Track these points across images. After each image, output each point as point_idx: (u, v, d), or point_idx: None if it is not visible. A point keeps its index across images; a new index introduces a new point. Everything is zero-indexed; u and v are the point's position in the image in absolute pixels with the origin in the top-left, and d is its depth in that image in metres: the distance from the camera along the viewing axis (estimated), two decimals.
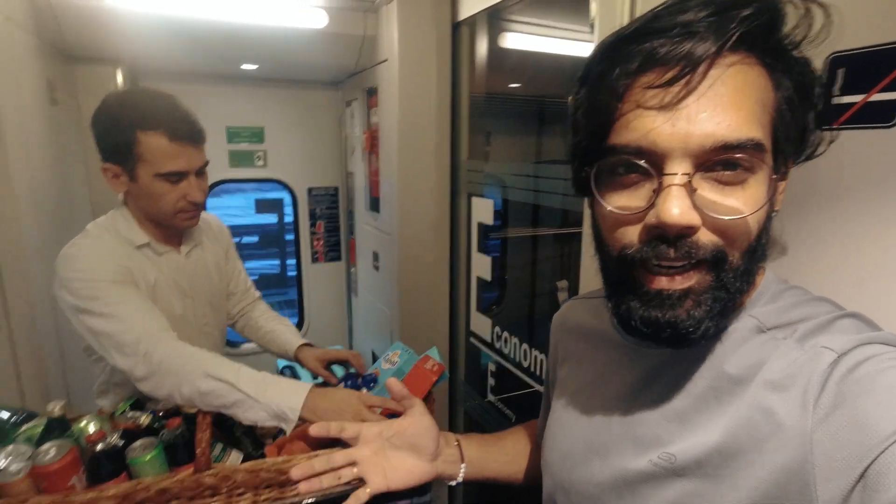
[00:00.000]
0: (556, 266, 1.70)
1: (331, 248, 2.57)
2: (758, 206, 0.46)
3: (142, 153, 1.07)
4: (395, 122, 1.67)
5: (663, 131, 0.45)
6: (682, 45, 0.43)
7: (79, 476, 0.89)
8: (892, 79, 0.52)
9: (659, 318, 0.48)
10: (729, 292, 0.48)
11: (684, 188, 0.45)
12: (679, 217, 0.44)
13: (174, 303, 1.21)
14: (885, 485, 0.38)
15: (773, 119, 0.46)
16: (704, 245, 0.46)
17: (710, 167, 0.45)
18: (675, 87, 0.44)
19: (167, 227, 1.20)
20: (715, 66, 0.44)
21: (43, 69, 1.49)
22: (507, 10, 1.56)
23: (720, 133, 0.44)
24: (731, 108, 0.44)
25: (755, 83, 0.45)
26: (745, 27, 0.43)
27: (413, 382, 1.16)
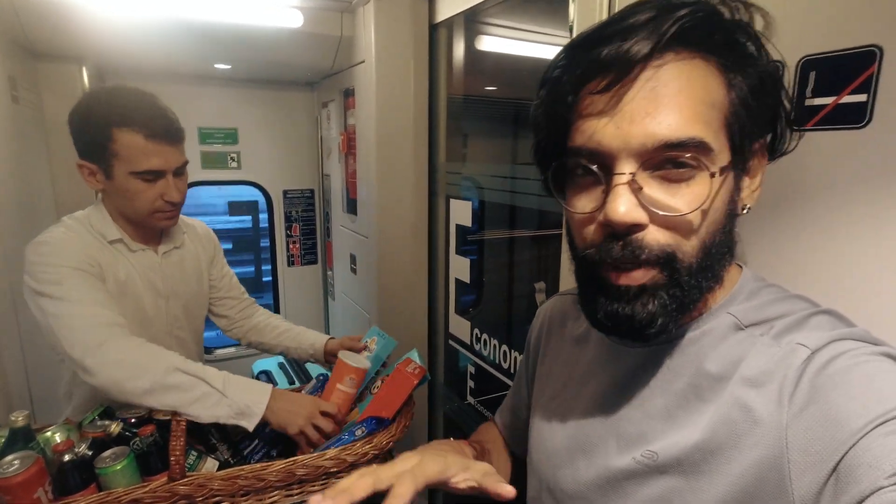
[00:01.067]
0: (534, 268, 1.71)
1: (307, 251, 2.54)
2: (701, 202, 0.47)
3: (117, 151, 1.05)
4: (373, 124, 1.66)
5: (606, 133, 0.47)
6: (619, 48, 0.45)
7: (45, 488, 0.85)
8: (862, 81, 0.54)
9: (618, 312, 0.50)
10: (684, 290, 0.49)
11: (629, 186, 0.47)
12: (623, 215, 0.46)
13: (145, 301, 1.19)
14: (856, 477, 0.38)
15: (726, 117, 0.47)
16: (650, 245, 0.48)
17: (658, 166, 0.47)
18: (615, 90, 0.46)
19: (144, 226, 1.17)
20: (651, 67, 0.45)
21: (4, 66, 1.43)
22: (484, 13, 1.57)
23: (661, 133, 0.45)
24: (672, 108, 0.45)
25: (700, 82, 0.46)
26: (678, 26, 0.44)
27: (394, 386, 1.15)
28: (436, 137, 1.72)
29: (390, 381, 1.16)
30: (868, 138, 0.54)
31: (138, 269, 1.18)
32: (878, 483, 0.37)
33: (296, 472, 0.98)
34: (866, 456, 0.39)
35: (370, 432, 1.09)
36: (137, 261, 1.18)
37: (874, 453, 0.38)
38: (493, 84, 1.85)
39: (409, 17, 1.60)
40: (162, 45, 1.70)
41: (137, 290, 1.17)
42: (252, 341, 1.47)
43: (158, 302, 1.22)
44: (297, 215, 2.48)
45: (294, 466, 0.98)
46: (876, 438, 0.39)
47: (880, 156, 0.53)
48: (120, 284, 1.14)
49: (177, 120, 1.13)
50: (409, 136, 1.68)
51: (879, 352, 0.45)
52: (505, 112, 1.89)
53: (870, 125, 0.54)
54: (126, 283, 1.15)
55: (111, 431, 0.97)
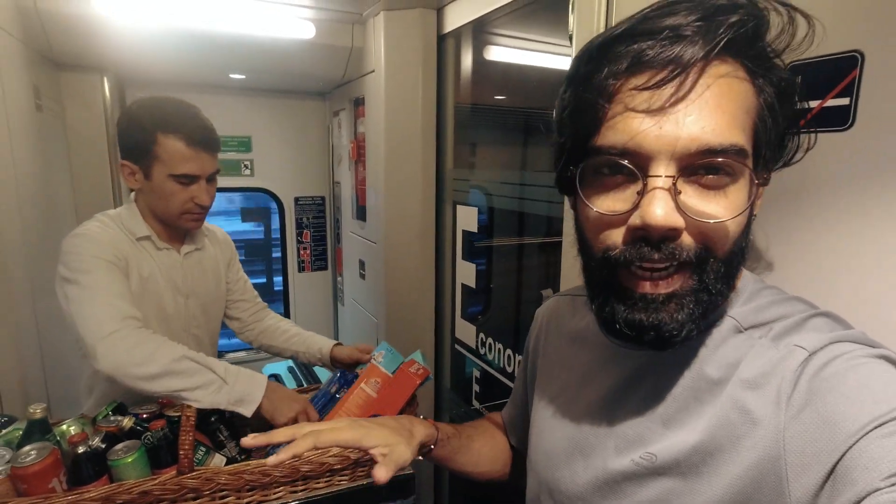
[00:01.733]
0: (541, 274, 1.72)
1: (317, 257, 2.57)
2: (739, 210, 0.46)
3: (159, 154, 1.14)
4: (382, 132, 1.70)
5: (650, 133, 0.45)
6: (670, 48, 0.44)
7: (59, 478, 0.88)
8: (845, 85, 0.55)
9: (643, 321, 0.48)
10: (711, 294, 0.48)
11: (668, 191, 0.45)
12: (663, 219, 0.45)
13: (166, 298, 1.25)
14: (852, 479, 0.39)
15: (755, 124, 0.47)
16: (687, 248, 0.47)
17: (693, 171, 0.46)
18: (664, 91, 0.44)
19: (171, 226, 1.25)
20: (699, 71, 0.44)
21: (29, 76, 1.49)
22: (491, 24, 1.60)
23: (705, 137, 0.44)
24: (716, 113, 0.44)
25: (739, 89, 0.46)
26: (732, 33, 0.44)
27: (397, 386, 1.17)
28: (443, 145, 1.75)
29: (394, 381, 1.17)
30: (851, 140, 0.56)
31: (161, 267, 1.25)
32: (875, 485, 0.37)
33: (300, 469, 1.00)
34: (863, 458, 0.39)
35: None
36: (161, 259, 1.25)
37: (871, 455, 0.39)
38: (500, 93, 1.88)
39: (417, 27, 1.64)
40: (179, 56, 1.76)
41: (159, 288, 1.24)
42: (263, 344, 1.51)
43: (178, 300, 1.28)
44: (308, 222, 2.52)
45: (299, 463, 1.00)
46: (872, 440, 0.39)
47: (863, 157, 0.55)
48: (143, 280, 1.20)
49: (214, 130, 1.22)
50: (417, 144, 1.71)
51: (876, 354, 0.45)
52: (511, 120, 1.91)
53: (853, 127, 0.55)
54: (149, 279, 1.22)
55: (123, 426, 1.00)
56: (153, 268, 1.23)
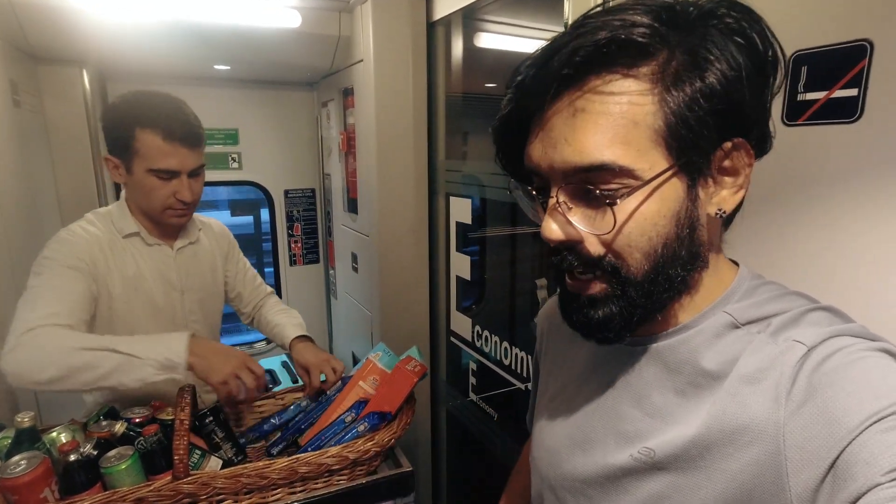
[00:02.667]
0: (536, 264, 1.71)
1: (309, 250, 2.54)
2: (628, 220, 0.48)
3: (138, 148, 1.13)
4: (372, 123, 1.67)
5: (536, 156, 0.50)
6: (539, 72, 0.47)
7: (51, 488, 0.87)
8: (853, 76, 0.54)
9: (573, 316, 0.54)
10: (634, 302, 0.50)
11: (556, 207, 0.49)
12: (551, 233, 0.50)
13: (157, 294, 1.25)
14: (852, 475, 0.38)
15: (656, 131, 0.46)
16: (590, 256, 0.50)
17: (578, 189, 0.49)
18: (539, 115, 0.49)
19: (158, 221, 1.24)
20: (571, 90, 0.46)
21: (5, 70, 1.44)
22: (481, 10, 1.57)
23: (573, 159, 0.47)
24: (587, 132, 0.46)
25: (622, 100, 0.45)
26: (591, 49, 0.44)
27: (395, 383, 1.16)
28: (435, 135, 1.73)
29: (390, 379, 1.16)
30: (860, 133, 0.54)
31: (152, 263, 1.24)
32: (875, 480, 0.37)
33: (298, 470, 0.99)
34: (863, 453, 0.39)
35: (372, 428, 1.10)
36: (152, 255, 1.25)
37: (871, 450, 0.38)
38: (492, 81, 1.85)
39: (406, 15, 1.60)
40: (161, 48, 1.71)
41: (147, 284, 1.23)
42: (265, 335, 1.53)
43: (173, 295, 1.28)
44: (299, 215, 2.49)
45: (297, 464, 0.99)
46: (873, 435, 0.39)
47: (872, 150, 0.54)
48: (130, 279, 1.19)
49: (198, 125, 1.20)
50: (408, 135, 1.68)
51: (876, 347, 0.45)
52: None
53: (861, 119, 0.54)
54: (137, 277, 1.21)
55: (116, 431, 0.98)
56: (142, 264, 1.23)
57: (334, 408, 1.19)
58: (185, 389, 1.07)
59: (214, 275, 1.40)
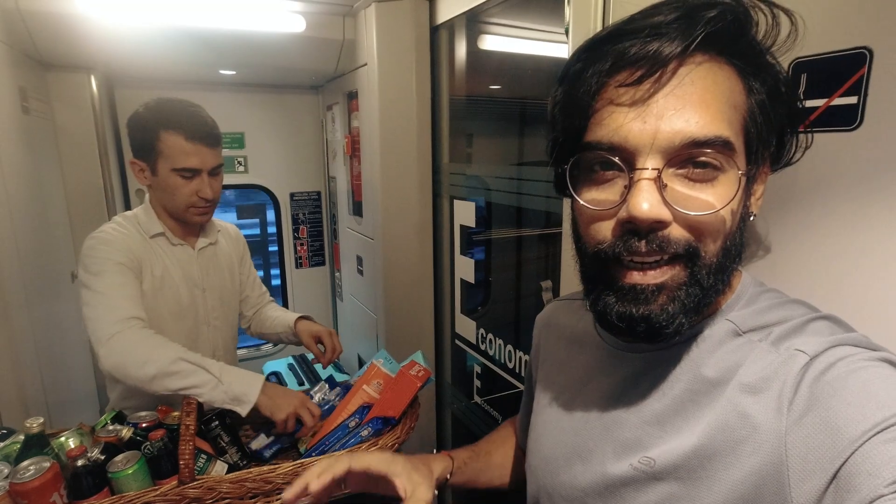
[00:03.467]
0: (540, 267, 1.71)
1: (314, 252, 2.55)
2: (725, 202, 0.46)
3: (162, 149, 1.21)
4: (376, 126, 1.67)
5: (633, 127, 0.46)
6: (650, 45, 0.45)
7: (60, 493, 0.88)
8: (853, 83, 0.54)
9: (633, 313, 0.49)
10: (703, 288, 0.48)
11: (654, 183, 0.46)
12: (648, 211, 0.45)
13: (182, 292, 1.30)
14: (855, 485, 0.38)
15: (744, 121, 0.47)
16: (676, 240, 0.47)
17: (679, 164, 0.46)
18: (645, 85, 0.45)
19: (182, 221, 1.31)
20: (683, 66, 0.45)
21: (14, 78, 1.46)
22: (484, 14, 1.57)
23: (689, 130, 0.45)
24: (699, 106, 0.45)
25: (725, 84, 0.46)
26: (709, 28, 0.44)
27: (398, 388, 1.16)
28: (438, 138, 1.73)
29: (394, 383, 1.17)
30: (860, 140, 0.54)
31: (177, 262, 1.31)
32: (878, 491, 0.37)
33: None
34: (866, 464, 0.38)
35: (375, 433, 1.10)
36: (176, 255, 1.31)
37: (874, 461, 0.38)
38: (495, 84, 1.85)
39: (410, 19, 1.61)
40: (168, 53, 1.72)
41: (174, 282, 1.29)
42: (258, 333, 1.59)
43: (195, 293, 1.34)
44: (305, 217, 2.50)
45: (301, 469, 1.00)
46: (876, 446, 0.39)
47: (872, 158, 0.53)
48: (158, 278, 1.26)
49: (215, 126, 1.28)
50: (412, 138, 1.69)
51: (878, 357, 0.44)
52: (507, 112, 1.88)
53: (861, 127, 0.54)
54: (164, 276, 1.27)
55: (123, 436, 0.99)
56: (168, 264, 1.29)
57: (338, 412, 1.19)
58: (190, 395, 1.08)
59: (232, 275, 1.46)
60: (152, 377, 1.06)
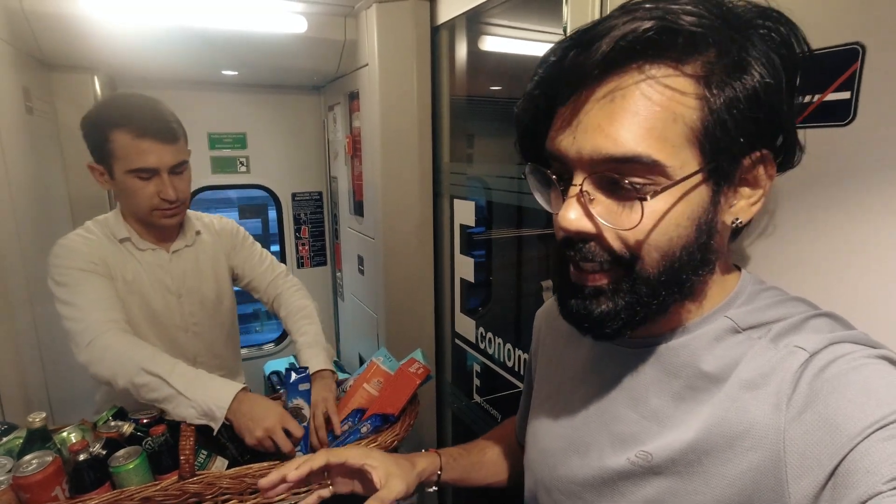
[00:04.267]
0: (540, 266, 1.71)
1: (316, 252, 2.56)
2: (656, 219, 0.46)
3: (114, 150, 1.13)
4: (377, 126, 1.68)
5: (563, 144, 0.48)
6: (578, 58, 0.45)
7: (61, 486, 0.89)
8: (845, 79, 0.54)
9: (574, 308, 0.52)
10: (641, 299, 0.49)
11: (577, 197, 0.48)
12: (570, 223, 0.48)
13: (153, 298, 1.24)
14: (853, 482, 0.39)
15: (694, 130, 0.44)
16: (604, 251, 0.49)
17: (605, 179, 0.47)
18: (572, 103, 0.47)
19: (150, 224, 1.23)
20: (610, 79, 0.45)
21: (18, 78, 1.47)
22: (485, 14, 1.58)
23: (606, 147, 0.45)
24: (624, 122, 0.44)
25: (663, 95, 0.44)
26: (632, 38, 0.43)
27: (398, 386, 1.16)
28: (439, 138, 1.74)
29: (394, 381, 1.17)
30: (852, 135, 0.54)
31: (146, 267, 1.24)
32: (877, 488, 0.37)
33: None
34: (864, 461, 0.39)
35: (374, 430, 1.11)
36: (145, 259, 1.24)
37: (872, 458, 0.38)
38: (496, 84, 1.86)
39: (410, 19, 1.61)
40: (171, 53, 1.73)
41: (144, 288, 1.23)
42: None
43: (169, 299, 1.27)
44: (306, 217, 2.51)
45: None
46: (874, 443, 0.39)
47: (865, 152, 0.54)
48: (127, 283, 1.20)
49: (173, 120, 1.18)
50: (413, 138, 1.69)
51: (877, 355, 0.45)
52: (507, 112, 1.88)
53: (854, 122, 0.54)
54: (133, 281, 1.21)
55: (124, 432, 1.00)
56: (136, 269, 1.23)
57: (339, 408, 1.20)
58: None
59: (217, 276, 1.37)
60: (126, 389, 1.05)
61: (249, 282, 1.46)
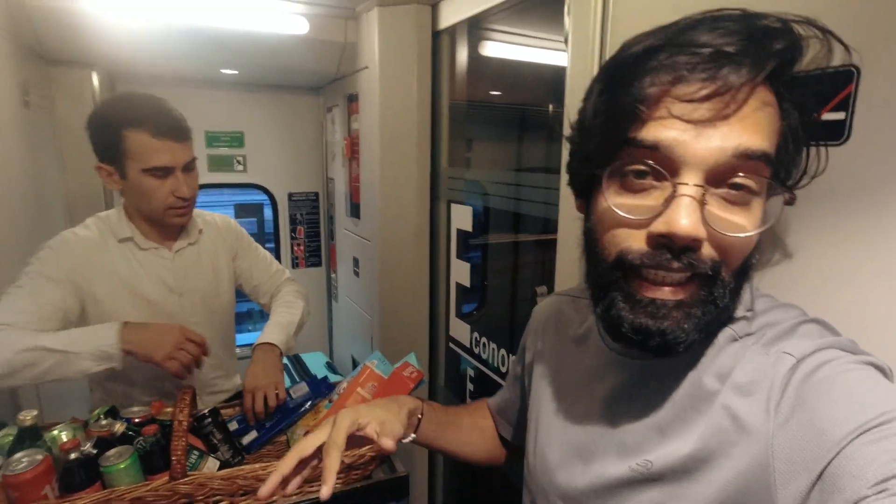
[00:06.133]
0: (535, 272, 1.72)
1: (311, 253, 2.56)
2: (758, 226, 0.47)
3: (128, 150, 1.12)
4: (376, 129, 1.68)
5: (688, 141, 0.45)
6: (717, 64, 0.44)
7: (52, 485, 0.88)
8: (841, 99, 0.55)
9: (650, 327, 0.48)
10: (718, 307, 0.48)
11: (696, 200, 0.45)
12: (688, 228, 0.45)
13: (154, 297, 1.24)
14: (839, 486, 0.39)
15: (778, 146, 0.47)
16: (705, 259, 0.47)
17: (719, 184, 0.46)
18: (707, 105, 0.44)
19: (160, 223, 1.23)
20: (748, 94, 0.45)
21: (16, 72, 1.47)
22: (486, 20, 1.58)
23: (735, 142, 0.44)
24: (753, 132, 0.45)
25: (769, 108, 0.46)
26: (777, 61, 0.44)
27: (391, 389, 1.17)
28: (438, 142, 1.74)
29: (387, 385, 1.17)
30: (847, 154, 0.55)
31: (147, 266, 1.24)
32: (862, 492, 0.37)
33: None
34: (850, 465, 0.39)
35: None
36: (147, 259, 1.24)
37: (857, 462, 0.39)
38: (495, 90, 1.87)
39: (412, 24, 1.62)
40: (170, 51, 1.73)
41: (143, 287, 1.23)
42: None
43: (170, 298, 1.27)
44: (302, 218, 2.51)
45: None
46: (859, 447, 0.39)
47: (859, 171, 0.55)
48: (123, 280, 1.20)
49: (183, 119, 1.19)
50: (411, 142, 1.70)
51: (864, 360, 0.45)
52: (506, 117, 1.90)
53: (849, 142, 0.55)
54: (130, 280, 1.21)
55: (115, 431, 1.00)
56: (136, 268, 1.23)
57: (332, 411, 1.20)
58: (184, 391, 1.09)
59: (218, 274, 1.38)
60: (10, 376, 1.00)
61: (254, 287, 1.47)
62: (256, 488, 0.98)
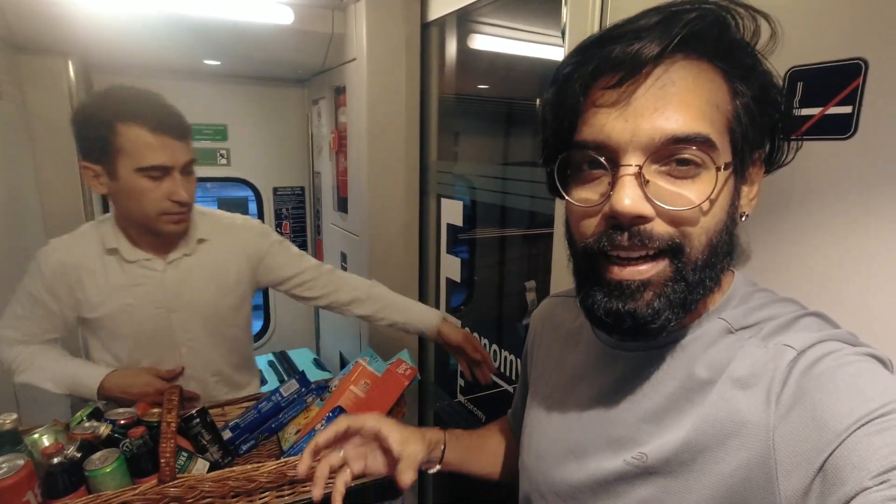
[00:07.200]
0: (525, 267, 1.72)
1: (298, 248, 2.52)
2: (706, 196, 0.48)
3: (122, 146, 1.01)
4: (364, 122, 1.65)
5: (616, 126, 0.47)
6: (630, 47, 0.46)
7: (34, 491, 0.85)
8: (848, 93, 0.55)
9: (619, 308, 0.50)
10: (688, 283, 0.49)
11: (635, 178, 0.47)
12: (629, 206, 0.47)
13: (142, 313, 1.15)
14: (841, 478, 0.39)
15: (728, 121, 0.48)
16: (659, 235, 0.48)
17: (661, 161, 0.48)
18: (625, 86, 0.47)
19: (152, 231, 1.11)
20: (661, 66, 0.47)
21: None
22: (476, 12, 1.57)
23: (668, 127, 0.46)
24: (679, 105, 0.46)
25: (707, 85, 0.47)
26: (687, 29, 0.46)
27: (386, 387, 1.15)
28: (427, 136, 1.72)
29: (382, 383, 1.16)
30: (853, 149, 0.55)
31: (133, 280, 1.14)
32: (864, 484, 0.38)
33: (286, 473, 0.98)
34: (851, 456, 0.39)
35: None
36: (134, 272, 1.14)
37: (859, 454, 0.39)
38: (485, 83, 1.86)
39: (400, 15, 1.59)
40: (151, 40, 1.68)
41: (131, 303, 1.14)
42: (355, 314, 1.40)
43: (160, 314, 1.16)
44: (288, 213, 2.47)
45: (285, 468, 0.98)
46: (861, 438, 0.39)
47: (865, 166, 0.55)
48: (115, 292, 1.13)
49: (183, 116, 1.09)
50: (400, 135, 1.68)
51: (864, 352, 0.46)
52: (496, 111, 1.89)
53: (855, 136, 0.55)
54: (121, 294, 1.13)
55: (100, 433, 0.96)
56: (125, 283, 1.13)
57: (324, 411, 1.18)
58: (171, 391, 1.05)
59: (223, 287, 1.23)
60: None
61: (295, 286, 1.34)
62: (248, 490, 0.97)
